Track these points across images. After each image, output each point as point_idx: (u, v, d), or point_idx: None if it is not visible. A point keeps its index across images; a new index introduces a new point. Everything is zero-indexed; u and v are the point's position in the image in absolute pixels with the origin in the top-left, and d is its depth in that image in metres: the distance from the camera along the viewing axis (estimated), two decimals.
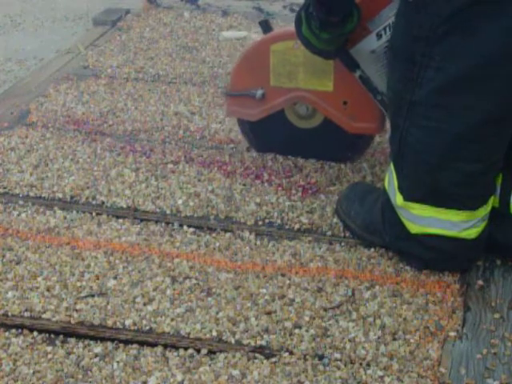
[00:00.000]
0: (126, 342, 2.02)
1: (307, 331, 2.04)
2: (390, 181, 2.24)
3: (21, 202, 2.58)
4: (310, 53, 2.47)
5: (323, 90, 2.61)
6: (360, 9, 2.35)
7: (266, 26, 2.70)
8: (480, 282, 2.23)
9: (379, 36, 2.42)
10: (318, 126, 2.73)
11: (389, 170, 2.26)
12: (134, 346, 2.01)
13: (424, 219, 2.19)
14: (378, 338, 2.02)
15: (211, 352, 1.99)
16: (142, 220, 2.50)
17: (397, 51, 2.11)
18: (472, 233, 2.18)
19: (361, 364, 1.95)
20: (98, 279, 2.23)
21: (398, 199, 2.20)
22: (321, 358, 1.97)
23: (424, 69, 2.03)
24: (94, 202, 2.59)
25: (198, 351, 1.99)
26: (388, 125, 2.35)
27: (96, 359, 1.97)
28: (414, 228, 2.21)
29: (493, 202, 2.22)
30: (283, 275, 2.25)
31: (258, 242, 2.40)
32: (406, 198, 2.19)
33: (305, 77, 2.61)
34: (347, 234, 2.44)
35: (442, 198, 2.15)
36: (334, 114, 2.62)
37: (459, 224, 2.17)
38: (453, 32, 1.98)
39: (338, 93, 2.59)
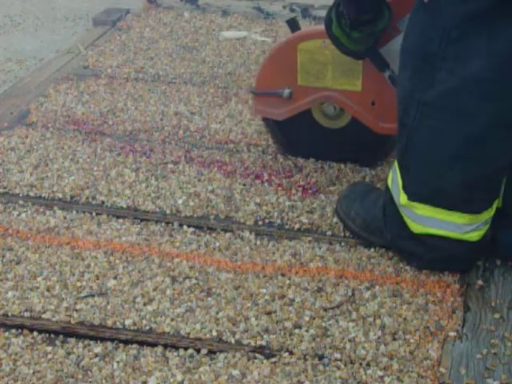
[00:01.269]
0: (126, 342, 2.02)
1: (307, 331, 2.04)
2: (394, 180, 2.24)
3: (21, 202, 2.58)
4: (338, 52, 2.46)
5: (351, 90, 2.59)
6: (391, 7, 2.34)
7: (293, 25, 2.68)
8: (480, 282, 2.23)
9: None
10: (345, 127, 2.71)
11: (393, 168, 2.26)
12: (134, 346, 2.01)
13: (427, 219, 2.18)
14: (378, 338, 2.02)
15: (211, 352, 1.99)
16: (142, 220, 2.50)
17: (409, 51, 2.10)
18: (474, 235, 2.18)
19: (361, 364, 1.95)
20: (98, 279, 2.23)
21: (401, 198, 2.20)
22: (321, 357, 1.97)
23: (437, 70, 2.02)
24: (93, 202, 2.59)
25: (198, 351, 1.99)
26: None
27: (96, 359, 1.97)
28: (416, 228, 2.21)
29: (497, 203, 2.22)
30: (283, 275, 2.25)
31: (258, 242, 2.40)
32: (410, 198, 2.18)
33: (333, 76, 2.59)
34: (347, 234, 2.43)
35: (446, 199, 2.14)
36: (362, 114, 2.61)
37: (462, 226, 2.16)
38: (466, 34, 1.97)
39: (366, 93, 2.58)
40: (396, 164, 2.23)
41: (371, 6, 2.32)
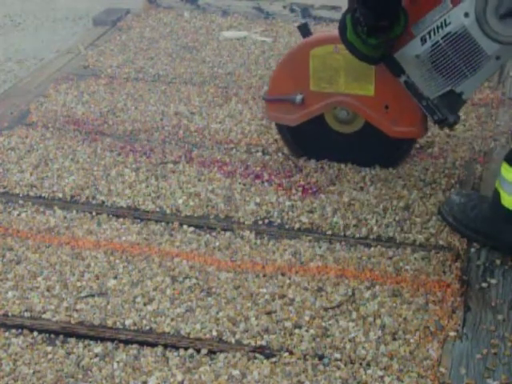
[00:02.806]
0: (126, 342, 2.02)
1: (307, 331, 2.04)
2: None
3: (21, 202, 2.58)
4: (350, 57, 2.45)
5: (364, 95, 2.59)
6: (407, 12, 2.34)
7: (305, 30, 2.67)
8: (480, 282, 2.23)
9: (423, 40, 2.40)
10: (359, 131, 2.70)
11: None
12: (134, 346, 2.01)
13: None
14: (378, 338, 2.02)
15: (211, 352, 1.99)
16: (142, 219, 2.50)
17: None
18: None
19: (361, 364, 1.94)
20: (97, 279, 2.22)
21: None
22: (321, 357, 1.97)
23: None
24: (94, 202, 2.59)
25: (198, 351, 1.99)
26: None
27: (96, 359, 1.97)
28: None
29: None
30: (283, 275, 2.25)
31: (258, 242, 2.40)
32: None
33: (346, 81, 2.59)
34: (347, 234, 2.43)
35: None
36: (376, 118, 2.61)
37: None
38: None
39: (379, 97, 2.58)
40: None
41: (389, 13, 2.31)
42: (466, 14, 2.34)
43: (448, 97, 2.47)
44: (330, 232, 2.45)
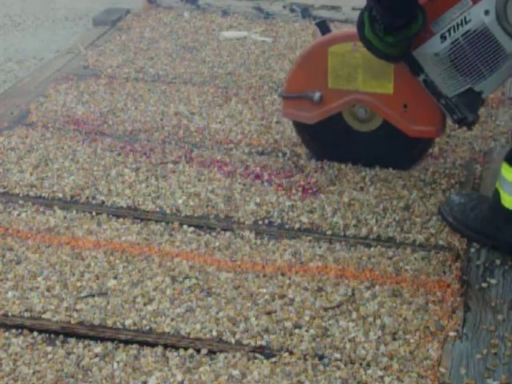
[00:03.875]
0: (126, 342, 2.02)
1: (307, 331, 2.04)
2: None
3: (21, 202, 2.58)
4: (369, 55, 2.45)
5: (383, 93, 2.58)
6: (424, 10, 2.33)
7: (323, 28, 2.67)
8: (480, 282, 2.23)
9: (443, 38, 2.39)
10: (376, 130, 2.69)
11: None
12: (134, 346, 2.01)
13: None
14: (378, 338, 2.02)
15: (211, 352, 1.99)
16: (142, 219, 2.50)
17: None
18: None
19: (361, 364, 1.94)
20: (97, 279, 2.22)
21: None
22: (321, 358, 1.97)
23: None
24: (94, 202, 2.59)
25: (198, 351, 1.99)
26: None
27: (96, 359, 1.97)
28: None
29: None
30: (283, 275, 2.25)
31: (258, 242, 2.40)
32: None
33: (364, 79, 2.59)
34: (347, 234, 2.43)
35: None
36: (394, 117, 2.60)
37: None
38: None
39: (398, 95, 2.57)
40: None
41: (405, 11, 2.30)
42: (487, 12, 2.33)
43: (467, 95, 2.45)
44: (329, 232, 2.45)
